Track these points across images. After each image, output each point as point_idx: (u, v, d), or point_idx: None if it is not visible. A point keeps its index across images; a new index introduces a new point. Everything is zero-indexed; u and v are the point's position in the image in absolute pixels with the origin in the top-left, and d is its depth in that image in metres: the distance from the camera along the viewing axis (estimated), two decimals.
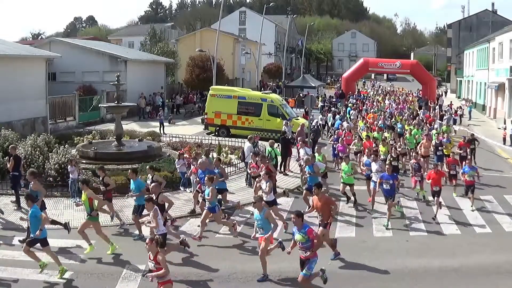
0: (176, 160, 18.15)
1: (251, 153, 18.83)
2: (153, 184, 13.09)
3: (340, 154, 20.86)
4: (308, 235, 9.82)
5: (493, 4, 73.70)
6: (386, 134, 23.83)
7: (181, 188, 17.61)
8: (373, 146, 21.40)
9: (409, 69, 50.72)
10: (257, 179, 15.47)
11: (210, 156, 18.18)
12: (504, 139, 29.17)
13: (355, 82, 54.89)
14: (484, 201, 17.25)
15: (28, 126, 27.02)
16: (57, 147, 18.79)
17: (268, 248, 11.05)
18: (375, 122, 28.29)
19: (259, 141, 21.48)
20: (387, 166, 15.58)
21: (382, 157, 19.65)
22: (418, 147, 21.77)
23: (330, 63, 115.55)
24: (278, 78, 69.33)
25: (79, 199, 15.93)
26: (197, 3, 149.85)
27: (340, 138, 22.34)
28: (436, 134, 23.79)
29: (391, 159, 18.82)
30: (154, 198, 12.21)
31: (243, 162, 19.85)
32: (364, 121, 28.70)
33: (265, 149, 19.59)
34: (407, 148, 22.38)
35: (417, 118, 30.74)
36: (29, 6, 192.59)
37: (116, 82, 22.37)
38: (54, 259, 10.81)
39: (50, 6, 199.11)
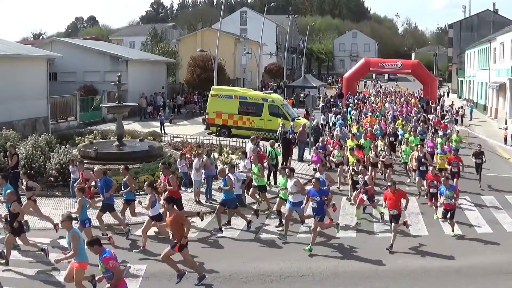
0: (178, 160, 18.15)
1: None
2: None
3: (313, 165, 18.49)
4: (104, 263, 8.31)
5: (494, 4, 73.74)
6: (380, 142, 21.21)
7: (182, 188, 17.61)
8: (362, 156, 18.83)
9: (410, 69, 50.66)
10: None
11: (212, 156, 18.22)
12: (505, 139, 29.15)
13: (356, 82, 54.81)
14: (485, 201, 17.25)
15: (29, 126, 27.07)
16: (58, 147, 18.83)
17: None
18: (374, 127, 25.57)
19: (260, 141, 21.48)
20: (313, 181, 13.34)
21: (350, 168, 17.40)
22: (410, 159, 18.94)
23: (331, 63, 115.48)
24: (279, 78, 69.34)
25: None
26: (198, 3, 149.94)
27: (322, 146, 20.48)
28: (440, 144, 20.35)
29: (353, 172, 16.21)
30: None
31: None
32: (357, 126, 25.78)
33: (266, 149, 19.57)
34: (397, 159, 20.71)
35: (420, 122, 27.89)
36: (30, 6, 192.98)
37: (117, 82, 22.41)
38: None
39: (51, 6, 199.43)
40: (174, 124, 34.92)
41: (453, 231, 13.96)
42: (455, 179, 17.45)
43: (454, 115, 35.05)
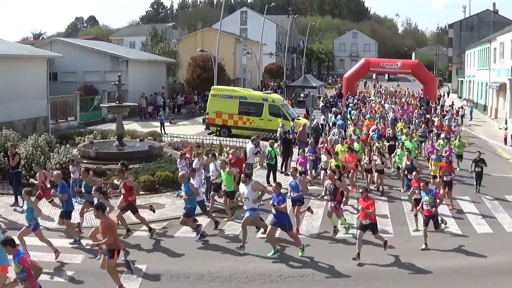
0: (178, 160, 18.16)
1: (252, 154, 19.01)
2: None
3: (299, 167, 17.49)
4: (21, 263, 8.12)
5: (494, 4, 73.76)
6: (376, 145, 20.73)
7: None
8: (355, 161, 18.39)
9: (411, 69, 50.65)
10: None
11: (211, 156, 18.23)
12: (505, 139, 29.15)
13: (356, 82, 54.80)
14: (485, 201, 17.25)
15: (29, 126, 27.07)
16: (58, 147, 18.85)
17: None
18: (371, 128, 24.96)
19: (260, 141, 21.48)
20: (274, 185, 12.91)
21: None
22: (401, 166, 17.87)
23: (331, 63, 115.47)
24: (279, 78, 69.34)
25: (80, 198, 16.02)
26: (198, 3, 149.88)
27: (312, 149, 19.39)
28: (442, 147, 19.97)
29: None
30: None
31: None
32: (354, 129, 24.69)
33: (266, 148, 19.58)
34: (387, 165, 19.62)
35: (421, 124, 26.51)
36: (31, 6, 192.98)
37: (117, 82, 22.43)
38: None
39: (52, 6, 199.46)
40: (174, 124, 34.93)
41: (425, 244, 12.71)
42: (445, 189, 16.37)
43: (454, 115, 34.98)
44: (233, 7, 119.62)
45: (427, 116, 32.75)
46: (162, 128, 30.69)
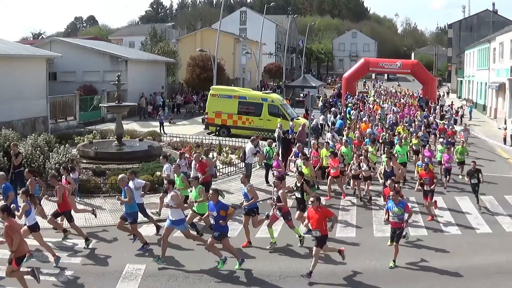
0: (177, 160, 18.13)
1: (251, 154, 18.98)
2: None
3: (274, 172, 16.46)
4: None
5: (493, 4, 73.72)
6: (370, 148, 19.48)
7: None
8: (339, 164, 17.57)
9: (410, 69, 50.68)
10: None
11: (210, 155, 18.22)
12: (505, 139, 29.16)
13: (355, 82, 54.81)
14: (484, 201, 17.23)
15: (29, 126, 27.06)
16: (58, 146, 18.82)
17: None
18: (367, 130, 24.14)
19: (259, 141, 21.47)
20: (211, 192, 11.52)
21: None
22: (378, 172, 16.97)
23: (331, 63, 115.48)
24: (279, 78, 69.34)
25: (80, 198, 16.03)
26: (197, 3, 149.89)
27: (297, 153, 18.30)
28: (440, 152, 19.27)
29: (295, 187, 14.22)
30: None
31: (243, 163, 19.83)
32: (347, 132, 23.20)
33: (264, 148, 19.57)
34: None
35: (421, 127, 24.86)
36: (30, 6, 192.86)
37: (116, 82, 22.44)
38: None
39: (51, 6, 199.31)
40: (173, 124, 34.93)
41: (394, 261, 11.62)
42: (427, 199, 15.28)
43: (454, 115, 35.00)
44: (232, 7, 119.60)
45: (430, 118, 31.70)
46: (162, 128, 30.68)
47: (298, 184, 14.00)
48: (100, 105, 31.37)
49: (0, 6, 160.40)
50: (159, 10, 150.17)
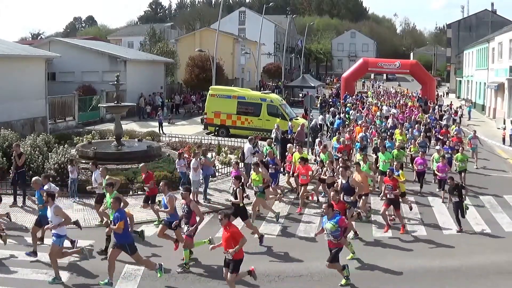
0: (176, 160, 18.15)
1: (250, 154, 18.96)
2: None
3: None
4: None
5: (492, 4, 73.70)
6: (358, 156, 18.02)
7: (181, 188, 17.57)
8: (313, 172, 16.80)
9: (409, 69, 50.75)
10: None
11: (209, 155, 18.23)
12: (504, 139, 29.17)
13: (354, 82, 54.82)
14: (483, 201, 17.26)
15: (28, 126, 27.04)
16: (57, 147, 18.79)
17: None
18: (359, 136, 22.15)
19: (258, 141, 21.47)
20: (112, 200, 10.71)
21: (255, 189, 14.56)
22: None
23: (330, 63, 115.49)
24: (278, 78, 69.35)
25: (78, 198, 16.03)
26: (196, 3, 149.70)
27: (272, 161, 17.25)
28: (436, 160, 18.00)
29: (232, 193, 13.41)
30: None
31: (242, 163, 19.83)
32: (337, 137, 21.23)
33: (264, 148, 19.57)
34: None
35: (419, 133, 23.18)
36: (29, 6, 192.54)
37: (115, 82, 22.44)
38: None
39: (50, 6, 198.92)
40: (172, 124, 34.93)
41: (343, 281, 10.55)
42: (388, 208, 14.00)
43: (453, 115, 35.01)
44: (231, 7, 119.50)
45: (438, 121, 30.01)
46: (161, 128, 30.67)
47: (235, 188, 13.08)
48: (99, 105, 31.35)
49: (0, 6, 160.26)
50: (158, 10, 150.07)
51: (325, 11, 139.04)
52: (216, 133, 29.45)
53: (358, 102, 42.33)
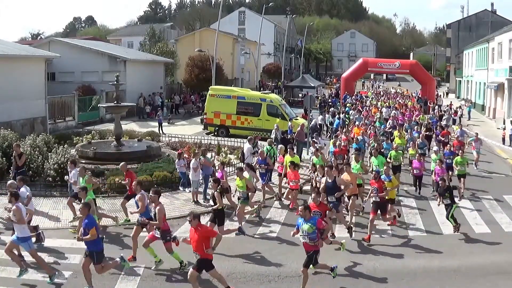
0: (176, 160, 18.15)
1: (250, 154, 18.96)
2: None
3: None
4: None
5: (492, 4, 73.74)
6: (353, 162, 16.56)
7: (181, 188, 17.61)
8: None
9: (409, 69, 50.77)
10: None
11: (208, 155, 18.22)
12: (504, 139, 29.18)
13: (354, 82, 54.84)
14: (483, 201, 17.26)
15: (28, 126, 27.05)
16: (56, 147, 18.80)
17: None
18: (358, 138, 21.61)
19: (258, 141, 21.48)
20: (81, 206, 10.28)
21: (238, 194, 14.20)
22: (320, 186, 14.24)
23: (330, 63, 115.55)
24: (278, 78, 69.35)
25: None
26: (196, 3, 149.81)
27: (263, 161, 17.10)
28: (434, 162, 17.42)
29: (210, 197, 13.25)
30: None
31: (242, 163, 19.83)
32: (334, 140, 20.53)
33: (264, 148, 19.55)
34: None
35: (418, 135, 22.71)
36: (29, 6, 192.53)
37: (115, 82, 22.42)
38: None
39: (50, 6, 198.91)
40: (172, 124, 34.93)
41: None
42: (376, 213, 13.37)
43: (452, 115, 35.01)
44: (231, 7, 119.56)
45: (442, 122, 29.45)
46: (160, 128, 30.67)
47: (214, 191, 12.61)
48: (98, 105, 31.34)
49: (0, 6, 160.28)
50: (158, 10, 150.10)
51: (325, 11, 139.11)
52: (215, 133, 29.45)
53: (358, 102, 42.33)
